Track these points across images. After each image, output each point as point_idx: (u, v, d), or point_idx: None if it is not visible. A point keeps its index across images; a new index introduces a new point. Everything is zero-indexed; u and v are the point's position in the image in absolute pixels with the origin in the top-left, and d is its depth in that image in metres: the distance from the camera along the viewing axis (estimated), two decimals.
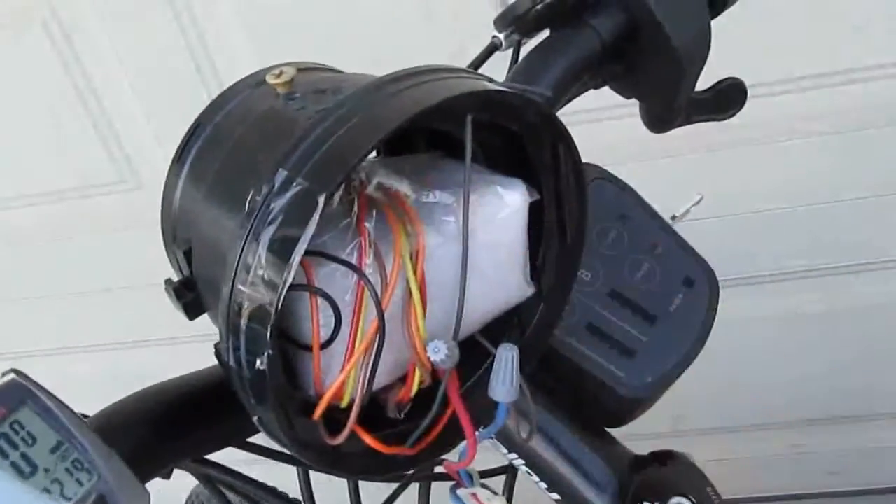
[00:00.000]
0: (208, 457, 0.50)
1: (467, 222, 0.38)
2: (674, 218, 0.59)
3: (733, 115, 0.64)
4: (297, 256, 0.33)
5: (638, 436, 0.58)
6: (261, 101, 0.42)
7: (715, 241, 0.65)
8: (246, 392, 0.37)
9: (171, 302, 0.43)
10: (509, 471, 0.66)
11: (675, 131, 0.62)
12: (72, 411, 0.38)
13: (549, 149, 0.42)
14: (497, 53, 0.55)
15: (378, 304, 0.36)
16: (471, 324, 0.43)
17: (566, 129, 0.41)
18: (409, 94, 0.36)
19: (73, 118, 1.29)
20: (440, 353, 0.38)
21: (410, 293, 0.38)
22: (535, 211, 0.44)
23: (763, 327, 1.28)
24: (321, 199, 0.33)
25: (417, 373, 0.40)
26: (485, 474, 0.60)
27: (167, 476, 0.46)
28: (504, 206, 0.41)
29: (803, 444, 1.48)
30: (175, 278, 0.43)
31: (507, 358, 0.41)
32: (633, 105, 0.58)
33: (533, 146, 0.42)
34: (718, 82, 0.61)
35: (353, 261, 0.37)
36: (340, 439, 0.39)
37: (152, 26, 1.19)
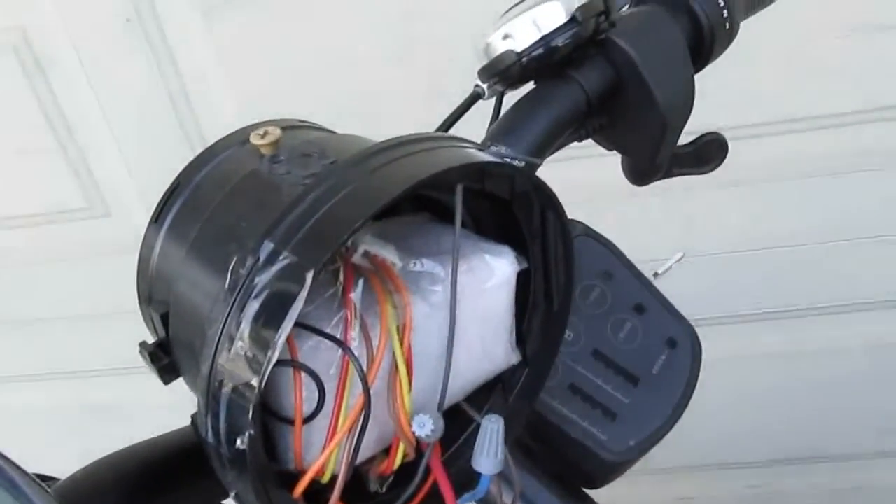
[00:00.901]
0: None
1: (455, 294, 0.38)
2: (655, 275, 0.59)
3: (713, 168, 0.64)
4: (282, 335, 0.32)
5: None
6: (244, 163, 0.40)
7: (675, 280, 0.65)
8: (224, 468, 0.35)
9: (145, 364, 0.41)
10: None
11: None
12: (37, 483, 0.36)
13: (537, 215, 0.42)
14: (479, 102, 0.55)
15: (364, 380, 0.35)
16: (455, 393, 0.42)
17: (555, 196, 0.40)
18: (401, 165, 0.35)
19: (42, 144, 1.27)
20: (426, 427, 0.37)
21: (396, 366, 0.37)
22: (521, 277, 0.43)
23: (725, 367, 1.28)
24: (309, 276, 0.32)
25: (401, 447, 0.39)
26: None
27: None
28: (493, 276, 0.40)
29: (763, 484, 1.49)
30: (150, 340, 0.42)
31: (492, 430, 0.40)
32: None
33: (521, 212, 0.41)
34: (699, 137, 0.61)
35: (339, 334, 0.35)
36: None
37: (126, 55, 1.17)
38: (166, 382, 0.41)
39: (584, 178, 0.93)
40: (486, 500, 0.53)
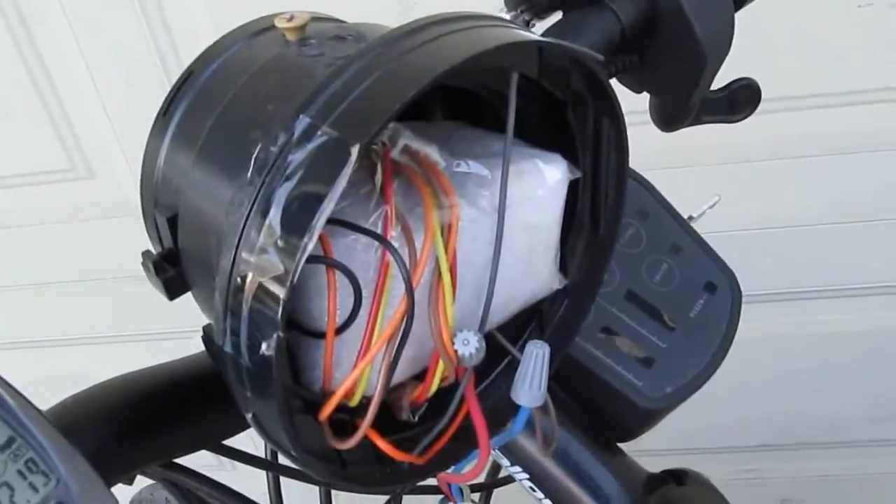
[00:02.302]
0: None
1: (505, 196, 0.33)
2: (690, 219, 0.55)
3: (745, 117, 0.60)
4: (322, 216, 0.27)
5: None
6: (267, 48, 0.36)
7: None
8: (243, 384, 0.31)
9: (148, 278, 0.37)
10: (489, 487, 0.61)
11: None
12: (27, 401, 0.32)
13: (591, 122, 0.37)
14: None
15: (408, 282, 0.30)
16: (495, 316, 0.38)
17: (616, 100, 0.36)
18: (455, 39, 0.31)
19: (25, 103, 1.21)
20: (470, 345, 0.33)
21: (439, 274, 0.33)
22: (566, 195, 0.39)
23: None
24: (354, 151, 0.27)
25: (440, 367, 0.35)
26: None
27: (130, 482, 0.40)
28: (544, 183, 0.36)
29: (757, 468, 1.47)
30: (154, 251, 0.37)
31: (536, 356, 0.36)
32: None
33: (575, 117, 0.37)
34: (732, 82, 0.57)
35: (378, 231, 0.31)
36: (351, 443, 0.33)
37: (114, 13, 1.12)
38: (171, 297, 0.37)
39: None
40: (514, 449, 0.49)
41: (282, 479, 0.53)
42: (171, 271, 0.36)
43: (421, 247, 0.31)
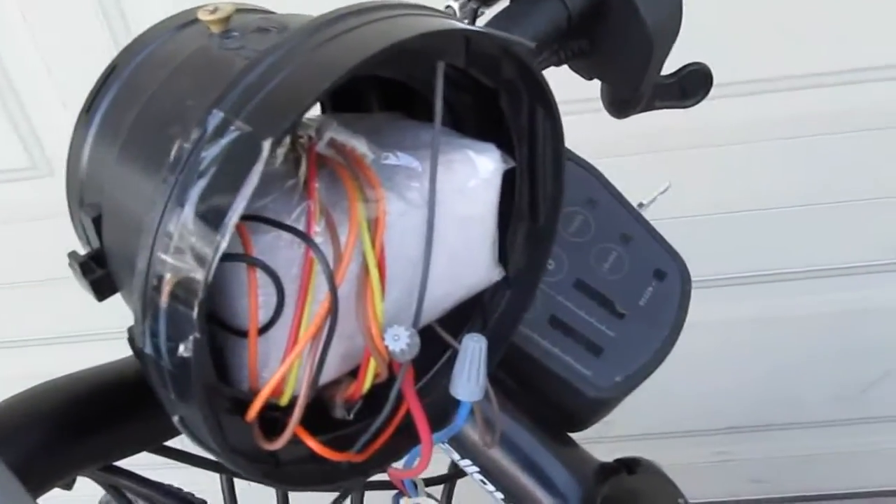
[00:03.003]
0: (119, 463, 0.43)
1: (434, 188, 0.33)
2: (640, 205, 0.55)
3: (697, 102, 0.60)
4: (234, 216, 0.27)
5: None
6: (190, 41, 0.35)
7: None
8: (165, 386, 0.30)
9: (76, 279, 0.36)
10: (448, 479, 0.60)
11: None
12: None
13: (525, 111, 0.37)
14: None
15: (331, 279, 0.30)
16: (431, 311, 0.37)
17: (549, 89, 0.36)
18: (375, 28, 0.30)
19: None
20: (400, 341, 0.32)
21: (367, 270, 0.32)
22: (505, 186, 0.38)
23: (690, 333, 1.26)
24: (266, 147, 0.27)
25: (372, 364, 0.34)
26: (427, 482, 0.55)
27: (68, 487, 0.39)
28: (476, 173, 0.35)
29: (728, 451, 1.48)
30: (82, 251, 0.36)
31: (473, 350, 0.35)
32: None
33: (508, 107, 0.37)
34: (683, 67, 0.57)
35: (301, 227, 0.30)
36: (280, 443, 0.32)
37: (70, 6, 1.10)
38: (100, 299, 0.36)
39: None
40: (462, 441, 0.49)
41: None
42: (98, 272, 0.35)
43: (345, 243, 0.31)
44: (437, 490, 0.60)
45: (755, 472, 1.51)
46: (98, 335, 1.35)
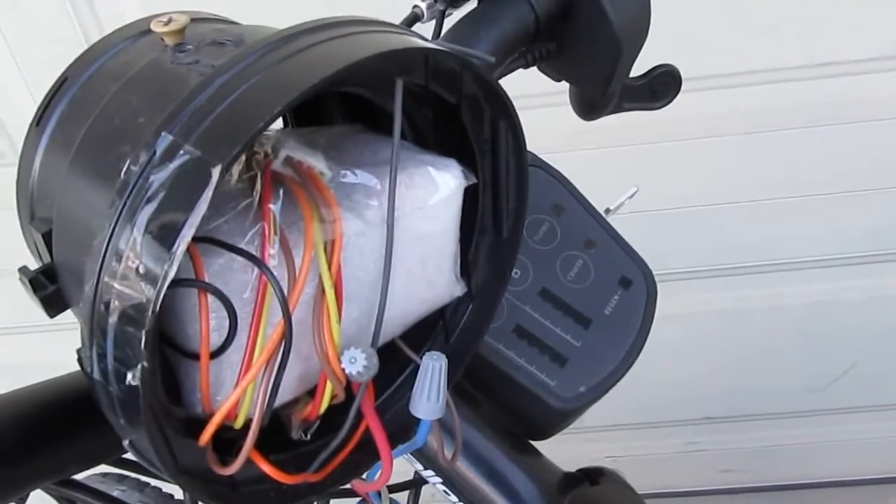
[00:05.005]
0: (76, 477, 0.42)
1: (393, 207, 0.32)
2: (608, 211, 0.55)
3: (666, 104, 0.60)
4: (181, 244, 0.26)
5: None
6: (143, 54, 0.34)
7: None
8: (114, 411, 0.29)
9: (27, 295, 0.35)
10: (413, 485, 0.60)
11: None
12: None
13: (488, 126, 0.36)
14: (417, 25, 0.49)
15: (284, 304, 0.29)
16: (392, 328, 0.37)
17: (510, 103, 0.35)
18: (330, 48, 0.29)
19: None
20: (357, 363, 0.32)
21: (323, 291, 0.31)
22: (467, 199, 0.38)
23: (662, 325, 1.26)
24: (215, 172, 0.26)
25: (329, 387, 0.33)
26: (391, 488, 0.54)
27: (22, 502, 0.39)
28: (436, 190, 0.35)
29: (699, 441, 1.49)
30: (33, 266, 0.35)
31: (433, 368, 0.35)
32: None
33: (470, 121, 0.36)
34: (652, 69, 0.57)
35: (254, 250, 0.30)
36: (233, 469, 0.32)
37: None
38: (51, 315, 0.35)
39: (531, 130, 0.89)
40: (425, 453, 0.49)
41: None
42: (50, 288, 0.34)
43: (300, 265, 0.30)
44: (403, 496, 0.59)
45: (726, 462, 1.52)
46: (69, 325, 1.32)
